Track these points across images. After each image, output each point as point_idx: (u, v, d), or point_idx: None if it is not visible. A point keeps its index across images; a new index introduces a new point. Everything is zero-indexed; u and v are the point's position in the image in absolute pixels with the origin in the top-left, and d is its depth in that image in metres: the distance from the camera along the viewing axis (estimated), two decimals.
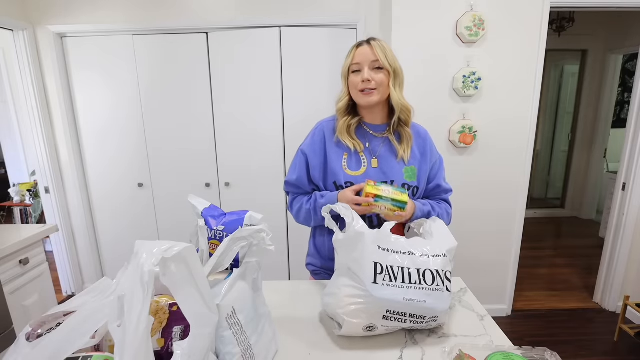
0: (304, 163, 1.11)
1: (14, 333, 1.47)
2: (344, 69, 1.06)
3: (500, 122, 2.14)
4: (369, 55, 1.01)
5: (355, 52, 1.03)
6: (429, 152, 1.12)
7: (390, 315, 0.78)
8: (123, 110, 2.46)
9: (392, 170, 1.07)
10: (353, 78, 1.04)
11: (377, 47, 1.01)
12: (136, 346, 0.44)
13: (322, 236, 1.16)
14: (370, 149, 1.09)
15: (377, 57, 1.00)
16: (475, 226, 2.28)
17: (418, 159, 1.10)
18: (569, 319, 2.42)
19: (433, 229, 0.94)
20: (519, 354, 0.69)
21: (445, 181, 1.17)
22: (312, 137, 1.12)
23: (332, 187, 1.08)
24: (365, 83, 1.01)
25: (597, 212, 4.26)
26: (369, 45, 1.02)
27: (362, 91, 1.03)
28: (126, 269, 0.53)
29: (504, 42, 2.04)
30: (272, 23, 2.28)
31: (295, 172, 1.13)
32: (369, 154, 1.08)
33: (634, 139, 2.27)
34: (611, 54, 3.88)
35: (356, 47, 1.04)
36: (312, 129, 1.14)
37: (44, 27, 2.32)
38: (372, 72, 1.01)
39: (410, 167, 1.09)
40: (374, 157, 1.08)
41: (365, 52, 1.01)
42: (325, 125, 1.11)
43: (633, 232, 2.34)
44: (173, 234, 2.65)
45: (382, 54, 1.00)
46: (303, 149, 1.12)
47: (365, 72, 1.01)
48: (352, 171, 1.06)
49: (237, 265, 0.71)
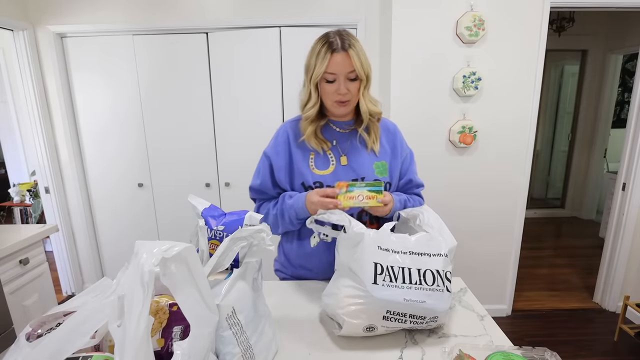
0: (267, 166, 1.06)
1: (14, 333, 1.47)
2: (315, 75, 0.96)
3: (500, 122, 2.14)
4: (345, 66, 0.94)
5: (330, 60, 0.94)
6: (399, 147, 1.10)
7: (390, 316, 0.78)
8: (123, 110, 2.46)
9: (362, 167, 1.04)
10: (327, 87, 0.97)
11: (354, 56, 0.93)
12: (136, 346, 0.44)
13: (289, 242, 1.12)
14: (338, 147, 1.05)
15: (353, 67, 0.94)
16: (475, 226, 2.28)
17: (388, 153, 1.08)
18: (569, 319, 2.42)
19: (432, 221, 0.93)
20: (519, 354, 0.69)
21: (417, 176, 1.14)
22: (275, 139, 1.08)
23: (300, 188, 1.04)
24: (341, 96, 0.97)
25: (597, 212, 4.26)
26: (345, 53, 0.93)
27: (336, 101, 0.98)
28: (126, 269, 0.53)
29: (504, 42, 2.04)
30: (272, 23, 2.28)
31: (258, 177, 1.08)
32: (336, 152, 1.05)
33: (634, 139, 2.27)
34: (611, 54, 3.88)
35: (331, 52, 0.93)
36: (276, 131, 1.09)
37: (44, 27, 2.32)
38: (348, 82, 0.96)
39: (381, 162, 1.06)
40: (343, 154, 1.05)
41: (341, 62, 0.94)
42: (289, 126, 1.07)
43: (633, 232, 2.34)
44: (173, 234, 2.65)
45: (359, 63, 0.94)
46: (266, 152, 1.08)
47: (342, 85, 0.95)
48: (320, 170, 1.03)
49: (237, 265, 0.71)
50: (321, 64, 0.94)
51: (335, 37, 0.95)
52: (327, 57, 0.94)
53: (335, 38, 0.95)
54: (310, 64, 0.98)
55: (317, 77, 0.96)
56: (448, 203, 2.25)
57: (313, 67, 0.96)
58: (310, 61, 0.98)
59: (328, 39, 0.95)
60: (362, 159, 1.05)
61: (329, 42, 0.94)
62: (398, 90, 2.12)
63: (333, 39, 0.95)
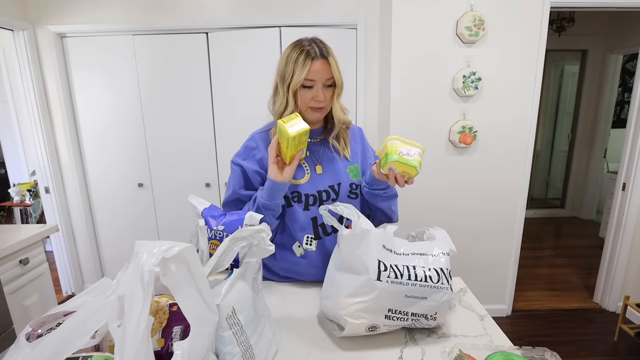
0: (240, 174, 1.05)
1: (14, 333, 1.47)
2: (294, 83, 0.95)
3: (501, 122, 2.14)
4: (324, 73, 0.95)
5: (310, 67, 0.94)
6: (368, 149, 1.14)
7: (392, 315, 0.78)
8: (123, 110, 2.46)
9: (336, 174, 1.05)
10: (304, 94, 0.97)
11: (333, 63, 0.95)
12: (136, 346, 0.44)
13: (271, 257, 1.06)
14: (312, 157, 1.06)
15: (332, 75, 0.96)
16: (475, 226, 2.28)
17: (359, 156, 1.11)
18: (569, 319, 2.42)
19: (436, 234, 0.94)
20: (519, 354, 0.69)
21: None
22: (245, 148, 1.07)
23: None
24: (318, 102, 0.97)
25: (597, 212, 4.26)
26: (324, 61, 0.95)
27: (311, 107, 0.99)
28: (126, 269, 0.53)
29: (504, 42, 2.04)
30: (272, 23, 2.28)
31: (230, 187, 1.06)
32: (311, 161, 1.05)
33: (634, 139, 2.27)
34: (611, 54, 3.88)
35: (310, 60, 0.94)
36: (245, 142, 1.08)
37: (44, 27, 2.32)
38: (324, 89, 0.97)
39: (353, 165, 1.08)
40: (318, 163, 1.06)
41: (321, 69, 0.95)
42: (259, 137, 1.06)
43: (633, 232, 2.34)
44: (173, 234, 2.65)
45: (337, 70, 0.96)
46: (235, 161, 1.06)
47: (320, 91, 0.96)
48: (295, 180, 1.02)
49: (237, 265, 0.71)
50: (300, 72, 0.94)
51: (311, 44, 0.96)
52: (307, 64, 0.93)
53: (312, 46, 0.95)
54: (286, 72, 0.97)
55: (296, 85, 0.95)
56: (448, 203, 2.25)
57: (291, 74, 0.95)
58: (287, 69, 0.96)
59: (304, 47, 0.95)
60: (336, 165, 1.06)
61: (306, 50, 0.94)
62: (398, 90, 2.12)
63: (310, 47, 0.95)
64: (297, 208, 1.03)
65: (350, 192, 1.07)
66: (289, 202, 1.03)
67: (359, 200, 1.08)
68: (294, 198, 1.02)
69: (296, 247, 1.06)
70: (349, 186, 1.06)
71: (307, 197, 1.02)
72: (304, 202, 1.02)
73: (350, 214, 0.85)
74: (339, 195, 1.05)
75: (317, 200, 1.03)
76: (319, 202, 1.03)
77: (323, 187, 1.03)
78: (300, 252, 1.06)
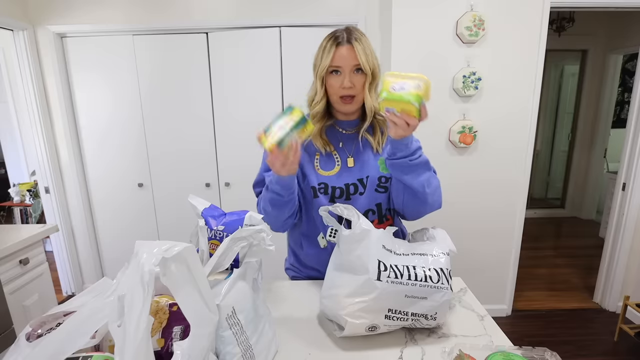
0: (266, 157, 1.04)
1: (14, 333, 1.47)
2: (320, 69, 0.96)
3: (500, 122, 2.14)
4: (350, 59, 0.93)
5: (335, 53, 0.94)
6: None
7: (392, 315, 0.78)
8: (123, 110, 2.46)
9: (367, 167, 1.02)
10: (332, 81, 0.96)
11: (359, 49, 0.93)
12: (136, 346, 0.44)
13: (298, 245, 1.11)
14: (345, 148, 1.04)
15: (358, 61, 0.93)
16: (475, 226, 2.28)
17: None
18: (569, 319, 2.42)
19: (436, 235, 0.94)
20: (519, 354, 0.69)
21: None
22: None
23: (309, 191, 1.02)
24: (346, 89, 0.95)
25: (597, 212, 4.26)
26: (350, 46, 0.93)
27: (341, 97, 0.97)
28: (126, 269, 0.53)
29: (504, 42, 2.04)
30: (272, 23, 2.28)
31: (260, 170, 1.08)
32: (343, 153, 1.04)
33: (634, 139, 2.27)
34: (611, 54, 3.88)
35: (335, 45, 0.94)
36: None
37: (44, 27, 2.32)
38: (353, 75, 0.95)
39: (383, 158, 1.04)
40: (350, 156, 1.04)
41: (346, 55, 0.93)
42: None
43: (633, 232, 2.34)
44: (173, 234, 2.64)
45: (364, 57, 0.93)
46: None
47: (346, 78, 0.94)
48: (324, 171, 1.02)
49: (237, 265, 0.71)
50: (326, 57, 0.94)
51: (342, 32, 0.96)
52: (332, 50, 0.94)
53: (342, 33, 0.96)
54: (317, 59, 0.98)
55: (323, 71, 0.96)
56: (448, 203, 2.23)
57: (319, 61, 0.97)
58: (317, 56, 0.98)
59: (334, 34, 0.97)
60: (368, 158, 1.04)
61: (335, 36, 0.96)
62: None
63: (340, 34, 0.96)
64: (323, 200, 1.02)
65: (378, 185, 1.02)
66: (315, 193, 1.02)
67: (386, 194, 1.04)
68: (320, 189, 1.01)
69: (320, 238, 1.06)
70: (378, 179, 1.02)
71: (333, 189, 1.01)
72: (330, 194, 1.01)
73: (350, 215, 0.85)
74: (367, 188, 1.02)
75: (344, 193, 1.01)
76: (346, 196, 1.01)
77: (351, 180, 1.01)
78: (324, 243, 1.06)
